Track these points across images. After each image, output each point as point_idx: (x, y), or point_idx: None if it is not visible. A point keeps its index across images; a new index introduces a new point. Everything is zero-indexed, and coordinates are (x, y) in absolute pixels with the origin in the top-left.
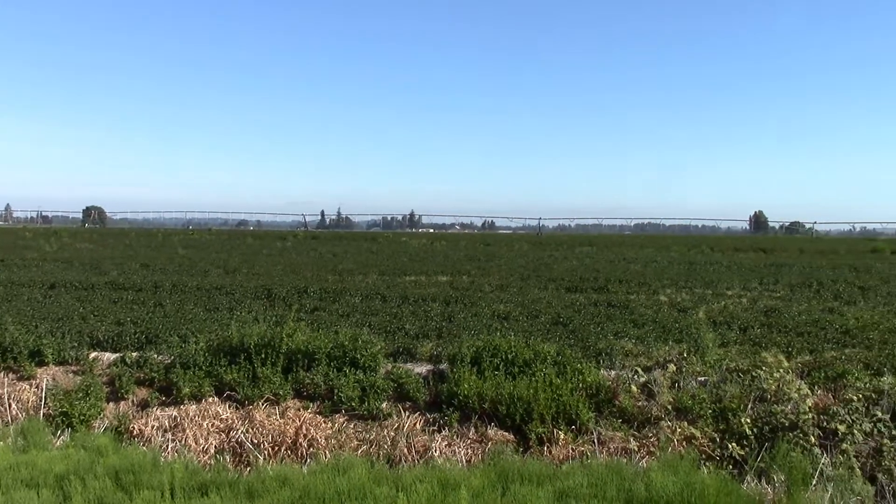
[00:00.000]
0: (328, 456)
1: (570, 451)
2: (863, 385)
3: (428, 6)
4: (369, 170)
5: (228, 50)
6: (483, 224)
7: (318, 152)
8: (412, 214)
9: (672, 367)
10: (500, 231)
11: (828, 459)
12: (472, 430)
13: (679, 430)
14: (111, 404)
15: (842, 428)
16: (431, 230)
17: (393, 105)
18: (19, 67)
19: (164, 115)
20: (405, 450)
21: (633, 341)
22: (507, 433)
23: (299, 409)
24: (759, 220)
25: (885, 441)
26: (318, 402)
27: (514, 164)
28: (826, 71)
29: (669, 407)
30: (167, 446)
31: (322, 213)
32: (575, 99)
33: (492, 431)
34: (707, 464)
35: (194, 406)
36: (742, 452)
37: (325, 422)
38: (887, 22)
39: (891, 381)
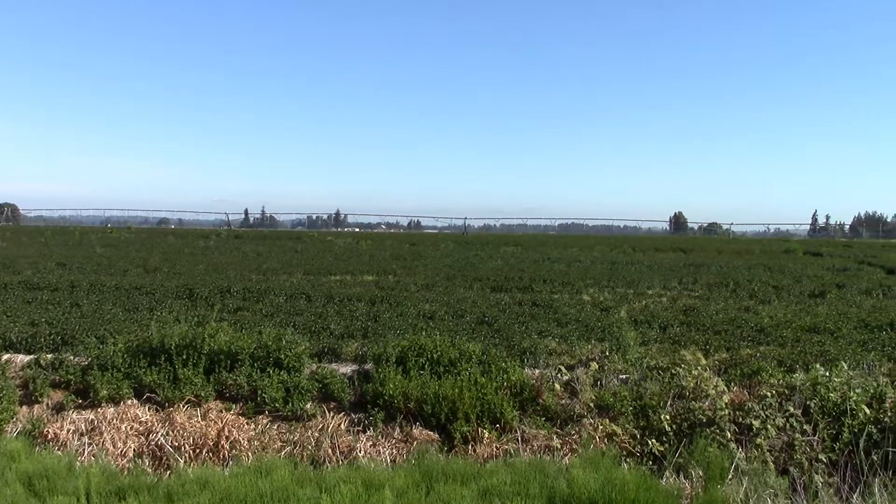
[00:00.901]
0: (251, 458)
1: (495, 449)
2: (776, 381)
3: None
4: (294, 168)
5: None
6: (409, 223)
7: (243, 150)
8: (338, 213)
9: (594, 365)
10: (426, 230)
11: (743, 454)
12: (398, 429)
13: (601, 427)
14: (24, 408)
15: (756, 423)
16: (357, 229)
17: (318, 103)
18: None
19: (80, 109)
20: (329, 450)
21: (557, 340)
22: (432, 432)
23: (221, 411)
24: (678, 221)
25: (797, 435)
26: (241, 404)
27: (440, 164)
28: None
29: (592, 404)
30: (84, 450)
31: (246, 212)
32: (498, 99)
33: (417, 431)
34: (628, 460)
35: (112, 409)
36: (661, 448)
37: (247, 423)
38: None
39: (802, 378)
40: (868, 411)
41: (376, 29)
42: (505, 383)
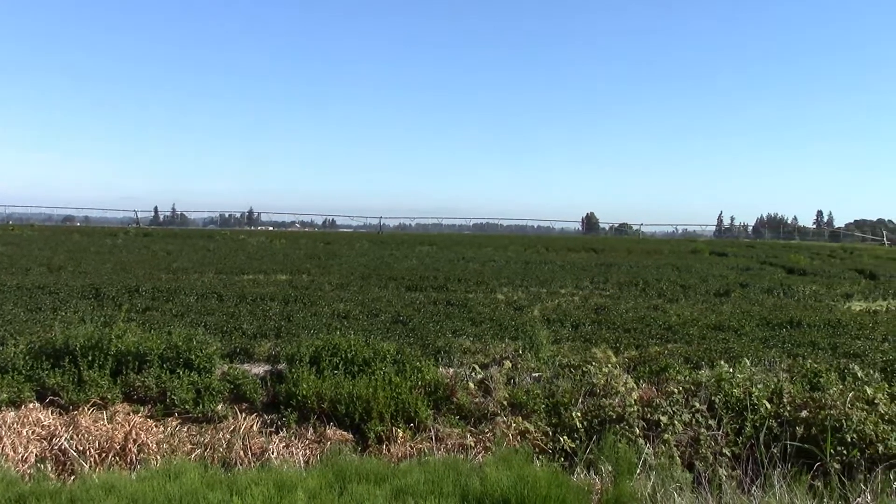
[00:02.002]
0: (159, 461)
1: (409, 448)
2: (683, 378)
3: None
4: (206, 166)
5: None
6: (324, 222)
7: (152, 146)
8: (251, 212)
9: (508, 363)
10: (341, 230)
11: (651, 449)
12: (311, 430)
13: (514, 425)
14: None
15: (664, 419)
16: (271, 228)
17: (230, 99)
18: None
19: None
20: (241, 452)
21: (472, 339)
22: (346, 433)
23: (129, 413)
24: (590, 222)
25: (702, 430)
26: (150, 406)
27: (355, 163)
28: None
29: (505, 403)
30: None
31: (156, 210)
32: (415, 97)
33: (330, 431)
34: (540, 457)
35: (13, 413)
36: (573, 445)
37: (156, 426)
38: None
39: (708, 374)
40: (769, 406)
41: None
42: (419, 382)
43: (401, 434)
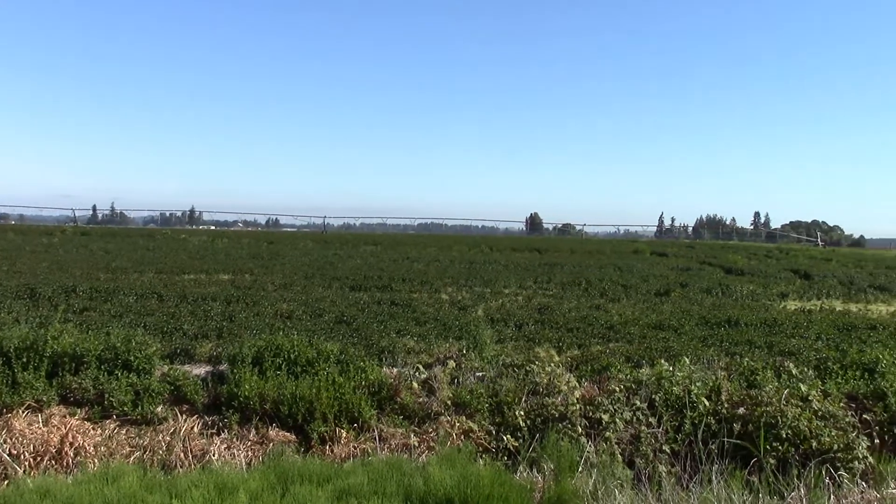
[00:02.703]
0: (97, 465)
1: (352, 449)
2: (624, 377)
3: None
4: (147, 163)
5: None
6: (267, 222)
7: (90, 142)
8: (192, 211)
9: (452, 363)
10: (285, 229)
11: (593, 447)
12: (253, 431)
13: (458, 424)
14: None
15: (605, 417)
16: (213, 227)
17: (172, 95)
18: None
19: None
20: (182, 455)
21: (416, 339)
22: (288, 433)
23: (65, 416)
24: (534, 222)
25: (643, 428)
26: (87, 408)
27: (299, 162)
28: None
29: (449, 402)
30: None
31: (94, 208)
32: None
33: (273, 432)
34: (484, 456)
35: None
36: (516, 444)
37: (94, 428)
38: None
39: (648, 373)
40: (707, 403)
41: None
42: (363, 382)
43: (344, 434)
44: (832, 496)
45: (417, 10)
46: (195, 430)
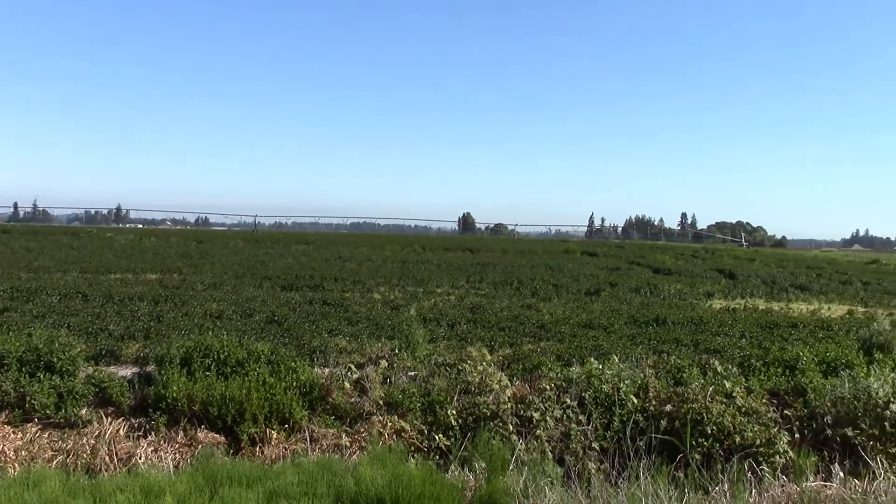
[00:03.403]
0: (17, 469)
1: (283, 450)
2: (555, 375)
3: None
4: (71, 160)
5: None
6: (197, 220)
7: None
8: (119, 209)
9: (384, 363)
10: (215, 228)
11: (523, 445)
12: (181, 433)
13: (390, 424)
14: None
15: (536, 415)
16: (140, 226)
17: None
18: None
19: None
20: (107, 458)
21: (348, 339)
22: (218, 435)
23: None
24: (467, 222)
25: (573, 426)
26: (8, 412)
27: (230, 160)
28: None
29: (381, 402)
30: None
31: (15, 206)
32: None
33: (202, 434)
34: (416, 455)
35: None
36: (448, 443)
37: (14, 432)
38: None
39: (578, 371)
40: (636, 401)
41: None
42: (294, 383)
43: (275, 435)
44: (754, 490)
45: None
46: (121, 432)
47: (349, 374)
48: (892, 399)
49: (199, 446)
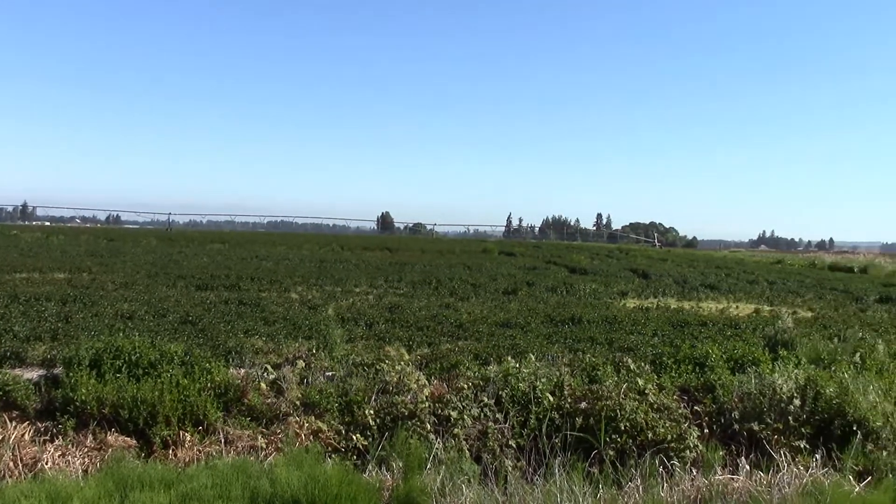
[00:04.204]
0: None
1: (197, 452)
2: (472, 374)
3: None
4: None
5: None
6: (108, 218)
7: None
8: (25, 206)
9: (301, 363)
10: (127, 226)
11: (441, 444)
12: (91, 437)
13: (307, 424)
14: None
15: (454, 414)
16: (48, 223)
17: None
18: None
19: None
20: (11, 464)
21: (264, 339)
22: (129, 438)
23: None
24: (385, 221)
25: (490, 424)
26: None
27: (142, 157)
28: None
29: (298, 402)
30: None
31: None
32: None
33: (112, 437)
34: (333, 456)
35: None
36: (366, 443)
37: None
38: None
39: (496, 370)
40: (551, 399)
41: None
42: (209, 384)
43: (188, 438)
44: (665, 484)
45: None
46: (26, 437)
47: (265, 374)
48: (795, 394)
49: (110, 450)
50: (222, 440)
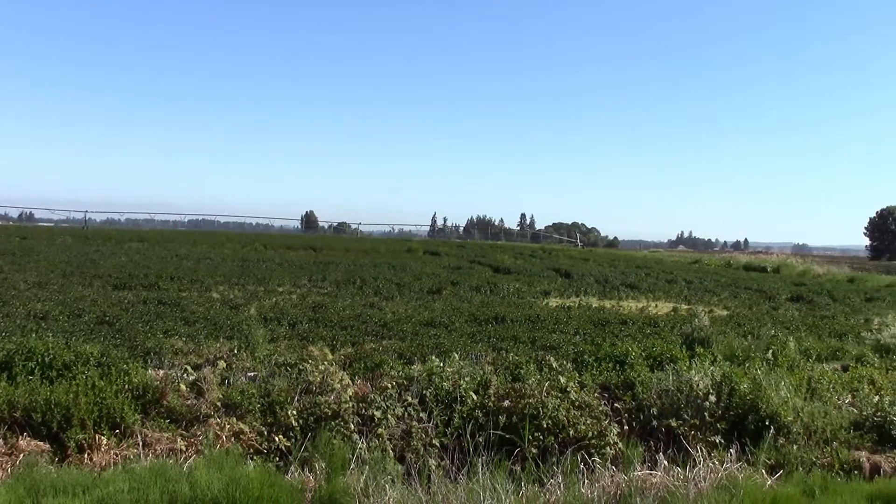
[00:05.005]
0: None
1: (114, 456)
2: (397, 373)
3: None
4: None
5: None
6: (20, 216)
7: None
8: None
9: (222, 363)
10: (41, 224)
11: (365, 444)
12: (1, 442)
13: (228, 426)
14: None
15: (378, 414)
16: None
17: None
18: None
19: None
20: None
21: (185, 339)
22: (42, 442)
23: None
24: (310, 220)
25: (414, 423)
26: None
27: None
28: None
29: (219, 404)
30: None
31: None
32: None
33: (24, 442)
34: (255, 457)
35: None
36: (288, 443)
37: None
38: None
39: (420, 369)
40: (475, 397)
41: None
42: (126, 386)
43: (105, 441)
44: (586, 480)
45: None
46: None
47: (185, 375)
48: (711, 391)
49: (21, 455)
50: (140, 443)
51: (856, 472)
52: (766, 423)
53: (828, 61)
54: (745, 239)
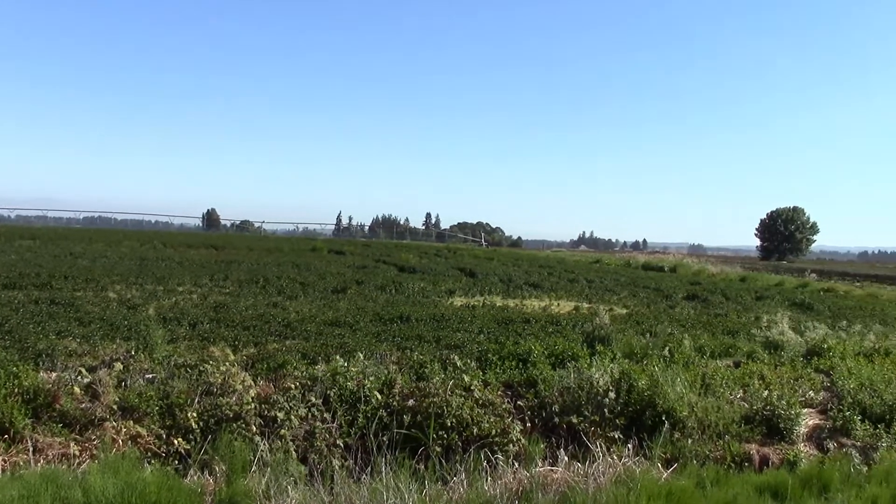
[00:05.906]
0: None
1: (2, 462)
2: (300, 374)
3: None
4: None
5: None
6: None
7: None
8: None
9: (119, 365)
10: None
11: (267, 445)
12: None
13: (125, 429)
14: None
15: (280, 415)
16: None
17: None
18: None
19: None
20: None
21: (79, 340)
22: None
23: None
24: (211, 218)
25: (318, 424)
26: None
27: None
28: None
29: (115, 407)
30: None
31: None
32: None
33: None
34: (153, 461)
35: None
36: (188, 446)
37: None
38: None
39: (324, 369)
40: (380, 397)
41: None
42: (16, 389)
43: None
44: (489, 477)
45: None
46: None
47: (79, 377)
48: (610, 387)
49: None
50: (31, 448)
51: (746, 464)
52: (663, 418)
53: (719, 68)
54: (644, 239)
